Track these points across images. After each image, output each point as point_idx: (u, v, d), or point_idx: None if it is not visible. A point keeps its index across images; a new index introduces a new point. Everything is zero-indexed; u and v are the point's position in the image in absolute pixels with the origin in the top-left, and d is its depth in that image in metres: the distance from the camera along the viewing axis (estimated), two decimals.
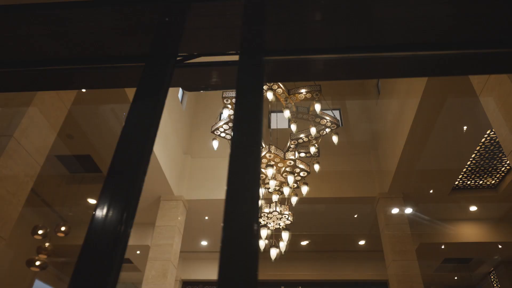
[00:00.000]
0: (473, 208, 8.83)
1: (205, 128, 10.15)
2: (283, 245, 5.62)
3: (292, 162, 5.81)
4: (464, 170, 7.87)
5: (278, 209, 5.50)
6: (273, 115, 10.62)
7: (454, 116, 6.31)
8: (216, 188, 8.82)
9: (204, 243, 10.73)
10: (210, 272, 11.40)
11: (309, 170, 5.97)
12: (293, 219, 5.64)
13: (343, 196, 8.49)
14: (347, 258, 11.24)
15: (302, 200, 8.48)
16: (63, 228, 7.22)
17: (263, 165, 5.79)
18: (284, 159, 5.76)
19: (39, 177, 7.80)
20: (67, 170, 8.16)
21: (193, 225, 9.77)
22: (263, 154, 5.70)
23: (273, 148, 5.71)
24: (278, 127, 9.65)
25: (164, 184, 8.35)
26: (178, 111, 9.32)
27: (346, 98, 10.06)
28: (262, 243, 5.61)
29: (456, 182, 8.24)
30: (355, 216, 9.21)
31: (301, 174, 6.01)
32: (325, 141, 9.13)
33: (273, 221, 5.66)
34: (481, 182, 8.24)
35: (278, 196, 5.85)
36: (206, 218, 9.46)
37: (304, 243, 10.62)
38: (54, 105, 4.21)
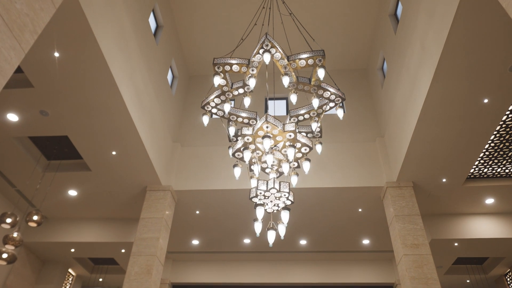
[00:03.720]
0: (489, 201, 8.06)
1: (197, 115, 9.45)
2: (282, 228, 4.82)
3: (292, 135, 5.06)
4: (481, 155, 7.14)
5: (276, 186, 4.72)
6: (270, 103, 9.98)
7: (474, 84, 5.61)
8: (208, 179, 8.05)
9: (195, 242, 9.89)
10: (202, 274, 10.56)
11: (311, 146, 5.23)
12: (293, 200, 4.85)
13: (346, 186, 7.72)
14: (350, 260, 10.45)
15: (300, 192, 7.79)
16: (35, 217, 6.39)
17: (259, 137, 5.05)
18: (283, 131, 5.03)
19: (10, 160, 7.01)
20: (42, 154, 7.36)
21: (183, 221, 8.96)
22: (259, 124, 4.96)
23: (270, 118, 4.97)
24: (276, 114, 8.96)
25: (150, 172, 7.60)
26: (167, 97, 8.62)
27: (348, 86, 9.38)
28: (258, 225, 4.81)
29: (472, 170, 7.50)
30: (360, 210, 8.43)
31: (303, 150, 5.26)
32: (326, 128, 8.46)
33: (271, 201, 4.87)
34: (499, 170, 7.50)
35: (276, 175, 5.09)
36: (197, 212, 8.65)
37: (302, 242, 9.79)
38: None
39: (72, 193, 8.19)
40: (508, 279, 10.03)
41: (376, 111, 9.10)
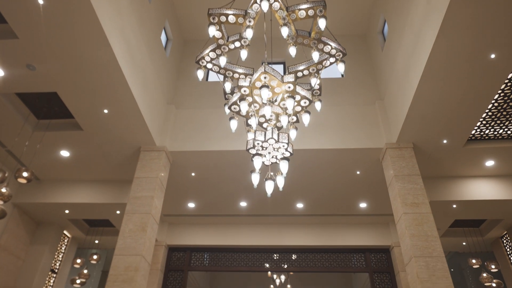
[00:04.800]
0: (489, 163, 7.95)
1: (191, 77, 9.17)
2: (281, 179, 4.65)
3: (291, 87, 4.82)
4: (484, 115, 6.95)
5: (275, 137, 4.52)
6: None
7: (482, 38, 5.34)
8: (203, 140, 7.86)
9: (191, 205, 9.81)
10: (198, 237, 10.56)
11: (311, 99, 5.00)
12: (292, 151, 4.67)
13: (345, 147, 7.56)
14: (346, 223, 10.47)
15: (298, 154, 7.63)
16: (25, 174, 6.22)
17: (256, 89, 4.81)
18: (282, 82, 4.78)
19: None
20: (32, 112, 7.09)
21: (178, 184, 8.84)
22: (256, 75, 4.71)
23: (269, 69, 4.71)
24: None
25: (144, 132, 7.39)
26: (161, 58, 8.29)
27: (348, 51, 9.05)
28: (256, 176, 4.65)
29: (473, 131, 7.33)
30: (358, 172, 8.31)
31: (302, 103, 5.04)
32: (324, 91, 8.22)
33: (269, 153, 4.69)
34: (501, 131, 7.34)
35: (273, 128, 4.88)
36: (193, 174, 8.51)
37: (299, 206, 9.74)
38: None
39: (65, 153, 7.99)
40: (505, 241, 10.10)
41: (375, 75, 8.88)
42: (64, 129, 7.31)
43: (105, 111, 6.73)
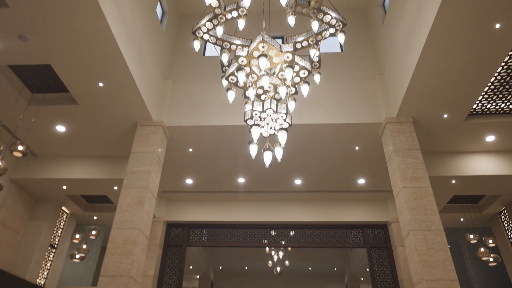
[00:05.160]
0: (490, 138, 7.88)
1: (188, 52, 8.99)
2: (279, 150, 4.57)
3: (290, 57, 4.69)
4: (486, 89, 6.83)
5: (273, 107, 4.43)
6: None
7: (487, 6, 5.17)
8: (201, 115, 7.75)
9: (189, 181, 9.79)
10: (196, 213, 10.60)
11: (310, 69, 4.88)
12: (291, 122, 4.58)
13: (344, 122, 7.46)
14: (344, 199, 10.49)
15: (296, 129, 7.55)
16: (20, 147, 6.14)
17: (254, 59, 4.68)
18: (280, 52, 4.65)
19: None
20: (25, 85, 6.95)
21: (176, 159, 8.79)
22: (254, 44, 4.57)
23: (267, 38, 4.57)
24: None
25: (141, 107, 7.27)
26: (157, 31, 8.09)
27: (347, 24, 8.84)
28: (254, 148, 4.57)
29: (474, 106, 7.23)
30: (356, 148, 8.25)
31: (301, 74, 4.92)
32: (323, 66, 8.05)
33: (267, 124, 4.60)
34: (503, 105, 7.23)
35: (271, 99, 4.77)
36: (190, 150, 8.44)
37: (297, 182, 9.72)
38: None
39: (60, 128, 7.89)
40: (503, 217, 10.15)
41: (375, 49, 8.70)
42: (59, 103, 7.18)
43: (100, 84, 6.59)
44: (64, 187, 9.21)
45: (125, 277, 6.13)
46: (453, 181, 8.55)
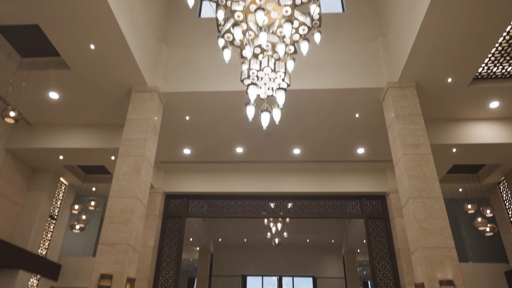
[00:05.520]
0: (494, 104, 7.69)
1: (182, 14, 8.65)
2: (277, 112, 4.41)
3: (289, 11, 4.44)
4: (493, 51, 6.59)
5: (271, 65, 4.22)
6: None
7: None
8: (197, 80, 7.52)
9: (186, 151, 9.66)
10: (195, 184, 10.54)
11: (310, 26, 4.64)
12: (290, 82, 4.39)
13: (344, 87, 7.25)
14: (343, 170, 10.41)
15: (295, 94, 7.35)
16: (12, 113, 5.94)
17: (251, 14, 4.43)
18: (279, 5, 4.40)
19: None
20: (14, 48, 6.68)
21: (172, 129, 8.63)
22: None
23: None
24: None
25: (135, 72, 7.03)
26: None
27: None
28: (251, 109, 4.40)
29: (480, 69, 7.00)
30: (357, 115, 8.07)
31: (300, 30, 4.68)
32: (323, 28, 7.75)
33: (265, 84, 4.41)
34: (510, 69, 7.01)
35: (269, 57, 4.55)
36: (187, 118, 8.26)
37: (296, 152, 9.59)
38: None
39: (53, 95, 7.68)
40: (501, 187, 10.10)
41: (378, 9, 8.33)
42: (50, 68, 6.94)
43: (92, 46, 6.34)
44: (61, 157, 9.08)
45: (123, 245, 6.09)
46: (454, 150, 8.42)
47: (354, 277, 16.41)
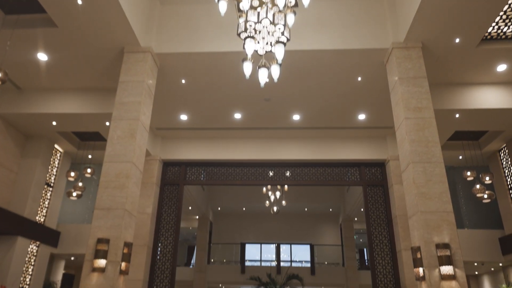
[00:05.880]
0: (501, 68, 7.42)
1: None
2: (276, 68, 4.17)
3: None
4: (505, 8, 6.26)
5: (269, 17, 3.95)
6: None
7: None
8: (193, 40, 7.18)
9: (183, 117, 9.44)
10: (192, 151, 10.38)
11: None
12: (290, 37, 4.12)
13: (346, 48, 6.94)
14: (343, 137, 10.25)
15: (295, 56, 7.05)
16: None
17: None
18: None
19: None
20: None
21: (168, 93, 8.37)
22: None
23: None
24: None
25: (126, 30, 6.67)
26: None
27: None
28: (248, 65, 4.16)
29: (490, 29, 6.68)
30: (359, 79, 7.81)
31: None
32: None
33: (263, 38, 4.14)
34: None
35: (268, 9, 4.25)
36: (183, 81, 7.99)
37: (296, 118, 9.38)
38: None
39: (42, 57, 7.35)
40: (502, 155, 10.00)
41: None
42: (36, 26, 6.58)
43: (79, 1, 5.96)
44: (54, 123, 8.86)
45: (120, 210, 5.99)
46: (457, 115, 8.23)
47: (351, 244, 16.65)
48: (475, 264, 11.19)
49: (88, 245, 5.77)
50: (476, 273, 13.47)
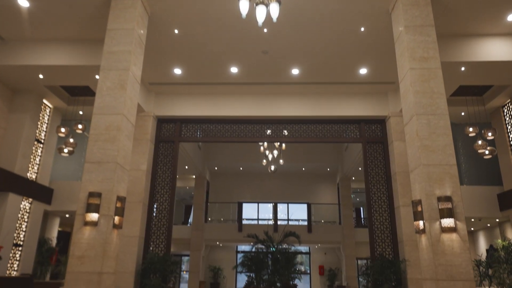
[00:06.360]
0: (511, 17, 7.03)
1: None
2: (275, 7, 3.80)
3: None
4: None
5: None
6: None
7: None
8: None
9: (177, 71, 9.04)
10: (187, 108, 10.07)
11: None
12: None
13: None
14: (343, 92, 9.95)
15: (294, 2, 6.60)
16: None
17: None
18: None
19: None
20: None
21: (161, 44, 7.94)
22: None
23: None
24: None
25: None
26: None
27: None
28: (244, 3, 3.80)
29: None
30: (362, 29, 7.38)
31: None
32: None
33: None
34: None
35: None
36: (176, 31, 7.53)
37: (295, 72, 9.00)
38: None
39: (23, 2, 6.83)
40: (505, 110, 9.77)
41: None
42: None
43: None
44: (41, 76, 8.47)
45: (111, 163, 5.80)
46: (463, 68, 7.90)
47: (348, 203, 16.77)
48: (472, 220, 11.28)
49: (79, 199, 5.62)
50: (472, 229, 13.68)
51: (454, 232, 5.18)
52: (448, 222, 5.18)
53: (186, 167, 15.64)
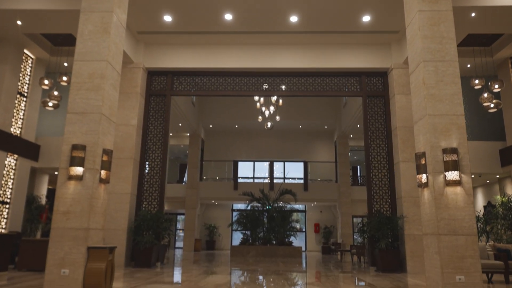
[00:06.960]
0: None
1: None
2: None
3: None
4: None
5: None
6: None
7: None
8: None
9: (167, 18, 8.39)
10: (179, 59, 9.52)
11: None
12: None
13: None
14: (345, 43, 9.40)
15: None
16: None
17: None
18: None
19: None
20: None
21: None
22: None
23: None
24: None
25: None
26: None
27: None
28: None
29: None
30: None
31: None
32: None
33: None
34: None
35: None
36: None
37: (293, 19, 8.38)
38: None
39: None
40: None
41: None
42: None
43: None
44: (19, 22, 7.82)
45: (95, 114, 5.41)
46: (473, 14, 7.36)
47: (345, 161, 16.61)
48: (472, 176, 11.13)
49: (62, 152, 5.27)
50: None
51: (459, 186, 4.93)
52: (453, 175, 4.91)
53: (180, 124, 15.24)
